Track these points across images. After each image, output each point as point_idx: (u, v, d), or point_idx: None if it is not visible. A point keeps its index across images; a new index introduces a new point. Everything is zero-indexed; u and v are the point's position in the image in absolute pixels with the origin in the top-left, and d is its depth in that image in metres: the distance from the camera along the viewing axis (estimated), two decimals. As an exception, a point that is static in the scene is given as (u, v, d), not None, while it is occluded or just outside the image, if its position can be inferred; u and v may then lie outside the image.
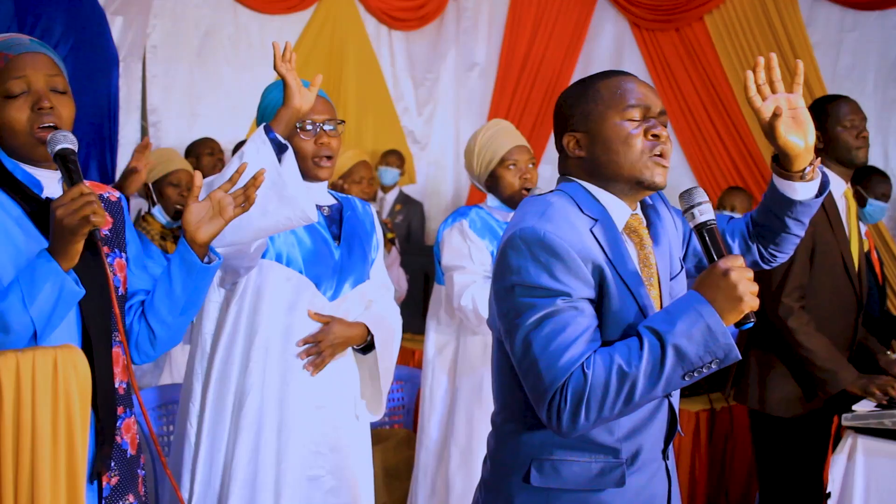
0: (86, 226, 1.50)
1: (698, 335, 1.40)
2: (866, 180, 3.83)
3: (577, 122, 1.60)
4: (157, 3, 5.00)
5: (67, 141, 1.59)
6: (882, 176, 3.94)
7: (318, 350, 2.21)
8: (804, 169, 1.73)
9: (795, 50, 5.09)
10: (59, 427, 1.45)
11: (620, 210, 1.60)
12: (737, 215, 4.49)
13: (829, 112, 2.90)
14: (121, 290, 1.75)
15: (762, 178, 5.21)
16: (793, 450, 2.92)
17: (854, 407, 2.65)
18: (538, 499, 1.58)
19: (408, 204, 5.89)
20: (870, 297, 3.59)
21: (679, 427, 1.67)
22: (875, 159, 4.86)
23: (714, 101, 5.44)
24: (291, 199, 2.00)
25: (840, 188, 2.90)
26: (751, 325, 1.45)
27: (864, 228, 3.78)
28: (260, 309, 2.19)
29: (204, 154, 4.42)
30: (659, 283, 1.63)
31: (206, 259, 1.77)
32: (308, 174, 2.23)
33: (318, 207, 2.28)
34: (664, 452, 1.65)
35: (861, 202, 3.82)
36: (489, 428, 2.76)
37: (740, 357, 1.44)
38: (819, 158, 1.75)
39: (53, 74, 1.66)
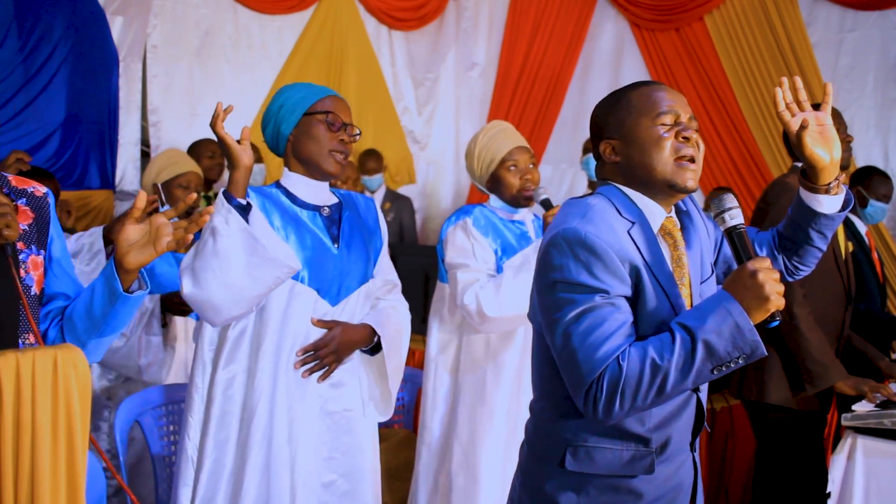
0: None
1: (727, 332, 1.49)
2: (867, 181, 3.83)
3: (613, 129, 1.70)
4: (157, 3, 5.00)
5: None
6: (883, 176, 3.94)
7: (317, 357, 2.19)
8: (829, 183, 1.83)
9: (795, 50, 5.10)
10: (59, 427, 1.45)
11: (656, 212, 1.69)
12: None
13: None
14: (34, 290, 1.66)
15: (762, 178, 5.21)
16: (793, 443, 2.94)
17: (854, 407, 2.65)
18: (572, 482, 1.68)
19: (396, 201, 5.78)
20: (871, 297, 3.60)
21: (706, 423, 1.77)
22: (875, 159, 4.87)
23: (714, 101, 5.44)
24: (275, 260, 2.03)
25: None
26: (776, 323, 1.54)
27: (864, 228, 3.79)
28: (263, 322, 2.17)
29: (204, 156, 4.38)
30: (690, 283, 1.72)
31: (133, 284, 1.67)
32: (320, 166, 2.23)
33: (318, 208, 2.28)
34: (692, 445, 1.75)
35: (862, 203, 3.82)
36: (492, 426, 2.81)
37: (766, 353, 1.53)
38: (844, 175, 1.87)
39: None
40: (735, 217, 1.59)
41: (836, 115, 2.99)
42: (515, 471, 1.83)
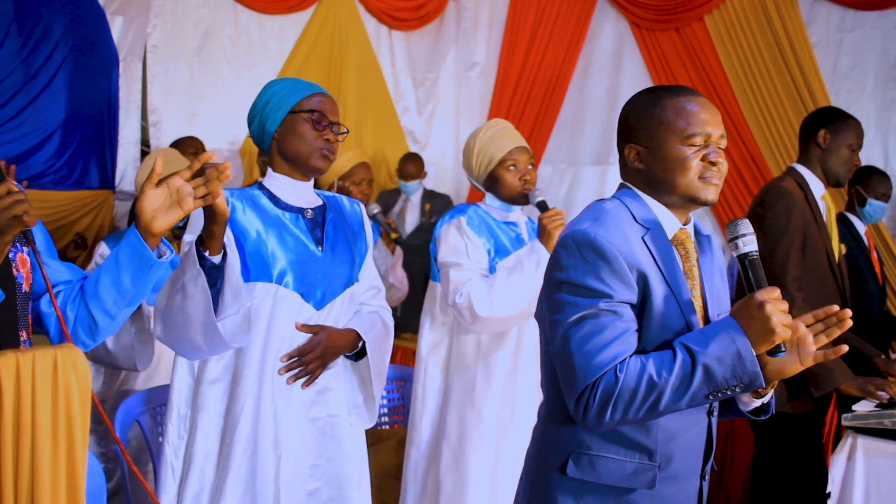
0: (18, 226, 1.46)
1: (728, 359, 1.49)
2: (866, 180, 3.83)
3: (641, 136, 1.69)
4: (157, 3, 5.00)
5: None
6: (882, 176, 3.94)
7: (302, 363, 2.15)
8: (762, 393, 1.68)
9: (795, 50, 5.09)
10: (59, 427, 1.45)
11: (670, 222, 1.69)
12: None
13: (850, 126, 2.99)
14: (24, 287, 1.66)
15: (762, 178, 5.21)
16: (791, 444, 2.93)
17: (854, 407, 2.65)
18: (571, 487, 1.66)
19: (435, 200, 5.73)
20: (869, 297, 3.59)
21: (712, 460, 1.73)
22: (875, 159, 4.86)
23: (714, 101, 5.44)
24: (223, 338, 1.98)
25: (820, 191, 3.01)
26: (781, 353, 1.53)
27: (863, 228, 3.79)
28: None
29: (187, 153, 4.40)
30: (702, 293, 1.70)
31: (156, 251, 1.68)
32: (306, 163, 2.20)
33: (301, 210, 2.24)
34: (702, 473, 1.71)
35: (861, 202, 3.83)
36: (481, 428, 2.81)
37: (764, 385, 1.52)
38: (774, 386, 1.68)
39: None
40: (749, 244, 1.59)
41: (859, 134, 3.01)
42: (521, 474, 1.83)
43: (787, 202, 2.89)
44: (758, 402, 1.73)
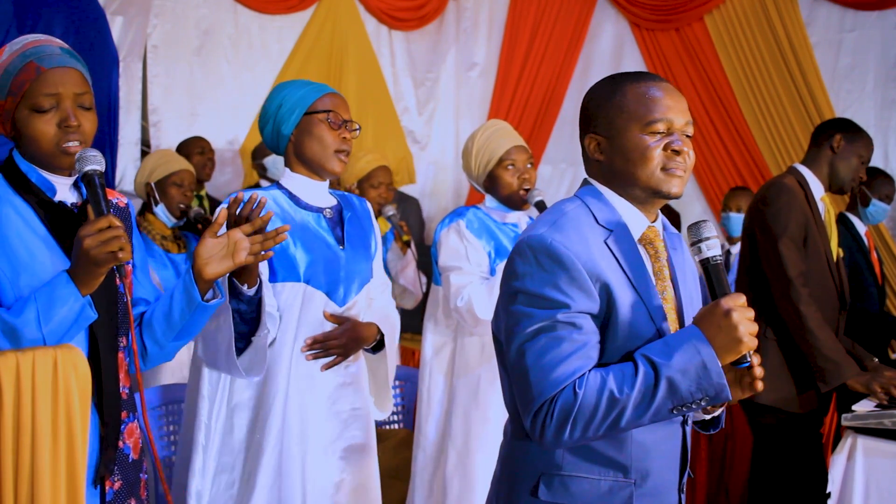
0: (112, 261, 1.52)
1: (693, 371, 1.41)
2: (870, 181, 3.84)
3: (601, 125, 1.60)
4: (157, 3, 5.00)
5: (96, 162, 1.62)
6: (886, 177, 3.95)
7: (324, 347, 2.21)
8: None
9: (795, 50, 5.09)
10: (59, 427, 1.45)
11: (637, 220, 1.59)
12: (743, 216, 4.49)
13: (865, 139, 3.01)
14: (125, 298, 1.74)
15: (762, 178, 5.21)
16: (789, 443, 2.93)
17: (854, 407, 2.65)
18: None
19: (403, 202, 5.75)
20: (869, 298, 3.60)
21: (689, 469, 1.67)
22: (875, 159, 4.86)
23: (714, 101, 5.44)
24: (238, 370, 2.03)
25: (819, 192, 3.02)
26: (746, 364, 1.46)
27: (863, 229, 3.80)
28: (279, 328, 2.18)
29: (194, 153, 4.41)
30: (675, 295, 1.62)
31: (209, 294, 1.77)
32: (323, 167, 2.24)
33: (321, 210, 2.29)
34: (679, 487, 1.64)
35: (865, 202, 3.83)
36: (486, 429, 2.80)
37: (731, 398, 1.46)
38: (725, 406, 1.67)
39: (82, 92, 1.67)
40: (713, 248, 1.50)
41: (870, 149, 3.02)
42: (489, 495, 1.74)
43: (788, 198, 2.89)
44: (706, 416, 1.68)
